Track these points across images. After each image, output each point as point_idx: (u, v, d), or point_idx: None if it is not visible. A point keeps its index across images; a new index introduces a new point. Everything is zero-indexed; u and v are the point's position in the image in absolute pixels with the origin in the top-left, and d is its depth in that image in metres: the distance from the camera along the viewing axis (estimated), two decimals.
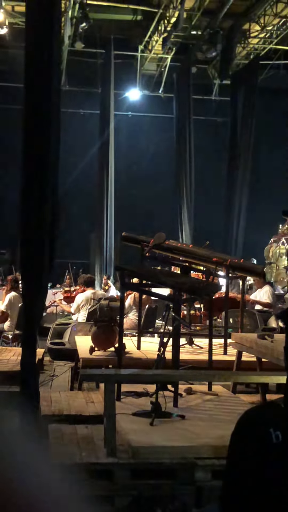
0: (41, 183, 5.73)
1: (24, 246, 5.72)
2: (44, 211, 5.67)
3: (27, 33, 6.24)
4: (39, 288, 5.68)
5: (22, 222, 5.81)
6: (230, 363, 7.66)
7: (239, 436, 1.61)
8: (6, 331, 11.08)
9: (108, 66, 20.38)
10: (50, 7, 5.96)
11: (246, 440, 1.59)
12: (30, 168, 5.84)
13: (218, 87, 22.94)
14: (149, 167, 23.14)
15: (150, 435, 5.33)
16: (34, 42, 5.99)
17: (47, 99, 5.79)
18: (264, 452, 1.54)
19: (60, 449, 5.21)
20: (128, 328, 10.19)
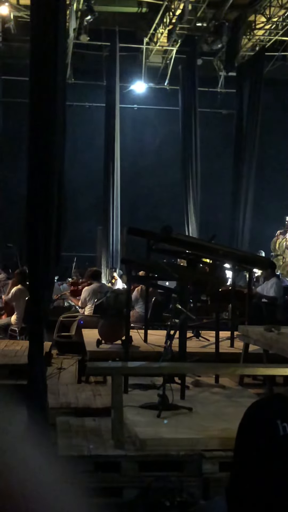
0: (47, 176, 5.73)
1: (31, 239, 5.73)
2: (50, 204, 5.67)
3: (32, 26, 6.23)
4: (45, 281, 5.69)
5: (29, 216, 5.81)
6: (237, 356, 7.66)
7: (246, 428, 1.62)
8: (13, 325, 11.10)
9: (113, 58, 20.33)
10: (55, 0, 5.95)
11: (253, 432, 1.59)
12: (36, 161, 5.84)
13: (224, 79, 22.85)
14: (155, 160, 23.10)
15: (157, 427, 5.35)
16: (39, 35, 5.98)
17: (52, 92, 5.78)
18: (271, 444, 1.54)
19: (68, 441, 5.23)
20: (134, 321, 10.20)
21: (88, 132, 21.91)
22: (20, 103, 15.77)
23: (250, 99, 21.11)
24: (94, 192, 21.15)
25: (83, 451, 4.96)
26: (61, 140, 6.00)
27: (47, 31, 5.84)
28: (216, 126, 23.10)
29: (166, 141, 22.98)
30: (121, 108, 20.93)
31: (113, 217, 20.13)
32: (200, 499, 4.71)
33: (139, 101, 23.33)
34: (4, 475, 0.62)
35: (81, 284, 12.99)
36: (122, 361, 6.96)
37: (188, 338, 7.55)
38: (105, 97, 21.10)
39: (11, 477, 0.62)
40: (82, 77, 21.67)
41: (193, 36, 20.93)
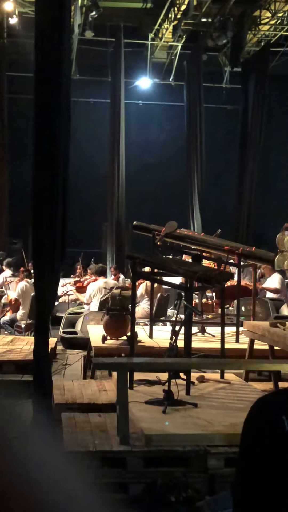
0: (52, 173, 5.73)
1: (36, 236, 5.74)
2: (55, 200, 5.67)
3: (37, 22, 6.23)
4: (51, 277, 5.70)
5: (34, 212, 5.82)
6: (243, 351, 7.66)
7: (252, 424, 1.61)
8: (19, 321, 11.13)
9: (118, 54, 20.31)
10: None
11: (259, 427, 1.59)
12: (41, 157, 5.84)
13: (229, 75, 22.79)
14: (160, 156, 23.08)
15: (162, 423, 5.36)
16: (44, 31, 5.98)
17: (57, 88, 5.78)
18: (277, 440, 1.54)
19: (73, 437, 5.24)
20: (140, 317, 10.21)
21: (93, 128, 21.89)
22: (25, 99, 15.76)
23: (255, 94, 21.07)
24: (99, 188, 21.15)
25: (88, 447, 4.97)
26: (66, 136, 6.00)
27: (52, 27, 5.84)
28: (221, 122, 23.07)
29: (171, 137, 22.94)
30: (126, 104, 20.91)
31: (118, 213, 20.13)
32: (206, 495, 4.72)
33: (144, 97, 23.31)
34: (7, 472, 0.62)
35: (86, 280, 13.01)
36: (127, 357, 6.96)
37: (194, 334, 7.55)
38: (110, 93, 21.07)
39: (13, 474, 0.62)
40: (87, 73, 21.65)
41: (198, 32, 20.88)
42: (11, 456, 0.63)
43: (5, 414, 0.71)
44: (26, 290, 10.92)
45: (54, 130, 5.78)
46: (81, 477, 0.67)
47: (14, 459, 0.63)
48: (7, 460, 0.62)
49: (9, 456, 0.63)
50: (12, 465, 0.62)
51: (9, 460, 0.62)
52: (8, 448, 0.64)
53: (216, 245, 9.11)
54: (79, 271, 16.49)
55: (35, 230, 5.76)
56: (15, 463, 0.63)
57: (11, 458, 0.63)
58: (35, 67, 6.08)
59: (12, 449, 0.65)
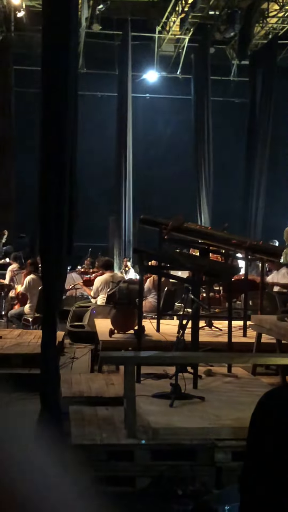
0: (59, 166, 5.73)
1: (43, 229, 5.74)
2: (62, 194, 5.67)
3: (44, 15, 6.22)
4: (58, 271, 5.70)
5: (41, 206, 5.82)
6: (250, 345, 7.65)
7: (259, 418, 1.62)
8: (26, 314, 11.16)
9: (125, 48, 20.28)
10: None
11: (266, 421, 1.59)
12: (48, 151, 5.84)
13: (237, 68, 22.73)
14: (167, 149, 23.05)
15: (169, 416, 5.36)
16: (51, 24, 5.97)
17: (64, 82, 5.77)
18: (284, 433, 1.54)
19: (80, 430, 5.25)
20: (147, 310, 10.21)
21: (100, 122, 21.88)
22: (32, 93, 15.78)
23: (263, 87, 21.02)
24: (106, 182, 21.15)
25: (96, 440, 4.98)
26: (73, 130, 5.99)
27: (59, 20, 5.82)
28: (229, 115, 23.00)
29: (179, 130, 22.91)
30: (133, 97, 20.89)
31: (125, 206, 20.14)
32: (213, 488, 4.72)
33: (151, 90, 23.27)
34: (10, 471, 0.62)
35: (94, 274, 13.02)
36: (134, 351, 6.97)
37: (201, 327, 7.55)
38: (117, 87, 21.06)
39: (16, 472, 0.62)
40: (94, 67, 21.63)
41: (205, 25, 20.82)
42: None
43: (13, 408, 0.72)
44: (33, 284, 10.93)
45: (61, 124, 5.77)
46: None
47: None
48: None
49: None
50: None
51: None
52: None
53: (224, 239, 9.09)
54: (87, 263, 16.54)
55: (42, 224, 5.76)
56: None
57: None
58: (42, 61, 6.07)
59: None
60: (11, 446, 0.65)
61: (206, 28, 20.87)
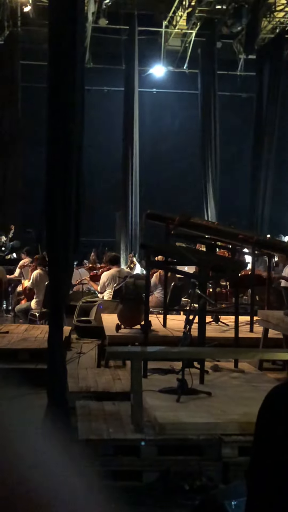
0: (66, 161, 5.73)
1: (50, 224, 5.74)
2: (68, 189, 5.67)
3: (50, 10, 6.21)
4: (65, 266, 5.70)
5: (48, 201, 5.82)
6: (257, 341, 7.65)
7: (267, 413, 1.61)
8: (33, 309, 11.17)
9: (132, 42, 20.23)
10: None
11: (274, 416, 1.59)
12: (55, 146, 5.83)
13: (244, 62, 22.65)
14: (174, 144, 23.01)
15: (176, 411, 5.37)
16: (57, 19, 5.96)
17: (71, 77, 5.77)
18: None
19: (87, 425, 5.26)
20: (153, 305, 10.21)
21: (106, 117, 21.86)
22: (39, 88, 15.74)
23: (270, 82, 20.96)
24: (113, 177, 21.14)
25: (102, 435, 4.99)
26: (80, 125, 5.99)
27: (66, 15, 5.81)
28: (236, 110, 22.95)
29: (185, 125, 22.86)
30: (140, 92, 20.85)
31: (132, 202, 20.13)
32: (220, 483, 4.73)
33: (158, 85, 23.22)
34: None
35: (100, 269, 13.03)
36: (141, 346, 6.98)
37: (207, 323, 7.55)
38: (123, 81, 21.02)
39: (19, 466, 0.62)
40: (100, 61, 21.59)
41: (212, 19, 20.76)
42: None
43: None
44: (40, 279, 10.94)
45: (67, 119, 5.76)
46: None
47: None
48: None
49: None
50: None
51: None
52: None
53: (230, 234, 9.08)
54: (92, 259, 16.55)
55: (48, 219, 5.76)
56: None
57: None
58: (49, 56, 6.06)
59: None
60: (17, 441, 0.65)
61: (213, 22, 20.80)
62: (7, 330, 9.54)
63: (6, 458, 0.62)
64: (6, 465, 0.61)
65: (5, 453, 0.62)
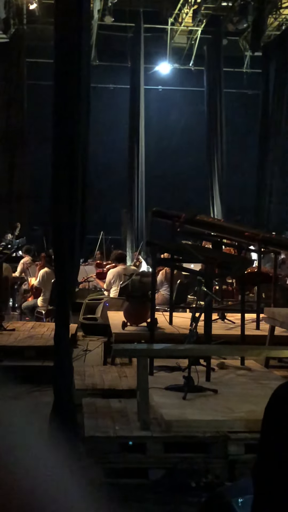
0: (72, 159, 5.73)
1: (56, 222, 5.74)
2: (74, 187, 5.67)
3: (56, 8, 6.21)
4: (71, 264, 5.71)
5: (54, 199, 5.82)
6: (263, 338, 7.64)
7: (273, 410, 1.61)
8: (39, 307, 11.19)
9: (138, 40, 20.22)
10: None
11: (281, 414, 1.59)
12: (61, 144, 5.83)
13: (250, 59, 22.62)
14: (180, 141, 22.99)
15: (182, 409, 5.37)
16: (63, 17, 5.95)
17: (77, 74, 5.76)
18: None
19: (94, 422, 5.27)
20: (160, 303, 10.21)
21: (112, 114, 21.86)
22: (45, 86, 15.75)
23: (276, 79, 20.91)
24: (119, 174, 21.14)
25: (109, 432, 5.00)
26: (85, 122, 5.99)
27: (72, 13, 5.81)
28: (242, 107, 22.91)
29: (191, 122, 22.84)
30: (145, 89, 20.85)
31: (138, 199, 20.13)
32: (226, 481, 4.73)
33: (164, 82, 23.20)
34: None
35: (107, 267, 13.03)
36: (147, 343, 6.98)
37: (214, 320, 7.54)
38: (129, 79, 21.02)
39: None
40: (106, 59, 21.59)
41: (218, 16, 20.73)
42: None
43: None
44: (47, 277, 10.97)
45: (73, 117, 5.76)
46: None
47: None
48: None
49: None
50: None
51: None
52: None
53: (236, 231, 9.07)
54: (98, 256, 16.56)
55: (54, 216, 5.77)
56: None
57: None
58: (55, 53, 6.06)
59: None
60: (21, 439, 0.65)
61: (219, 19, 20.77)
62: (14, 327, 9.56)
63: (9, 458, 0.62)
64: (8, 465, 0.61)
65: (8, 452, 0.62)
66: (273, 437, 1.57)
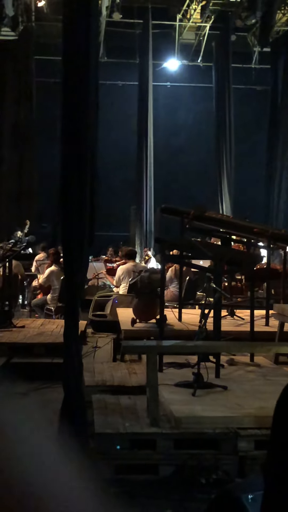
0: (80, 156, 5.73)
1: (65, 219, 5.75)
2: (83, 184, 5.67)
3: (64, 5, 6.20)
4: (80, 261, 5.71)
5: (63, 196, 5.83)
6: (272, 334, 7.62)
7: (283, 407, 1.61)
8: (49, 304, 11.22)
9: (146, 36, 20.20)
10: None
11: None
12: (69, 140, 5.83)
13: (258, 55, 22.54)
14: (188, 138, 22.96)
15: (192, 405, 5.37)
16: (71, 14, 5.95)
17: (85, 71, 5.76)
18: None
19: (103, 419, 5.28)
20: (169, 300, 10.21)
21: (121, 111, 21.85)
22: (53, 83, 15.78)
23: (285, 74, 20.86)
24: (127, 171, 21.14)
25: (119, 429, 5.00)
26: (94, 119, 5.99)
27: (80, 10, 5.81)
28: (251, 103, 22.85)
29: (200, 118, 22.80)
30: (154, 86, 20.82)
31: (147, 196, 20.12)
32: (236, 477, 4.73)
33: (172, 78, 23.16)
34: None
35: (117, 263, 13.04)
36: (156, 340, 6.98)
37: (223, 317, 7.54)
38: (138, 75, 21.00)
39: None
40: (114, 56, 21.57)
41: (226, 12, 20.67)
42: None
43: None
44: (56, 274, 10.98)
45: (82, 114, 5.76)
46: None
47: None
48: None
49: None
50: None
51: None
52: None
53: (245, 227, 9.05)
54: (110, 253, 16.58)
55: (63, 214, 5.77)
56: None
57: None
58: (63, 50, 6.05)
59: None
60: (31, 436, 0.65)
61: (227, 15, 20.71)
62: (23, 324, 9.58)
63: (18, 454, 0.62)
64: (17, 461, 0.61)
65: (18, 448, 0.62)
66: (284, 433, 1.57)
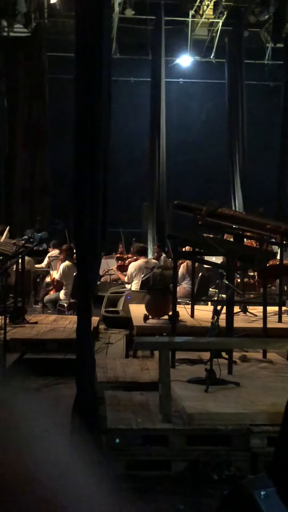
0: (93, 153, 5.74)
1: (77, 216, 5.76)
2: (96, 180, 5.68)
3: (77, 1, 6.21)
4: (92, 257, 5.72)
5: (75, 192, 5.84)
6: (285, 331, 7.61)
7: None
8: (61, 300, 11.25)
9: (158, 32, 20.15)
10: None
11: None
12: (82, 138, 5.84)
13: (271, 51, 22.42)
14: (201, 134, 22.90)
15: (204, 401, 5.37)
16: (84, 10, 5.95)
17: (98, 67, 5.76)
18: None
19: (116, 415, 5.29)
20: (181, 296, 10.21)
21: (133, 107, 21.82)
22: (66, 79, 15.78)
23: None
24: (140, 167, 21.11)
25: (131, 425, 5.02)
26: (107, 116, 5.99)
27: (92, 6, 5.81)
28: (263, 99, 22.74)
29: (213, 115, 22.73)
30: (166, 82, 20.77)
31: (159, 192, 20.09)
32: (248, 474, 4.73)
33: (184, 75, 23.10)
34: None
35: (128, 260, 13.05)
36: (169, 336, 6.99)
37: (235, 313, 7.53)
38: (150, 72, 20.95)
39: None
40: (127, 52, 21.53)
41: (239, 8, 20.58)
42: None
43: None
44: (68, 271, 11.01)
45: (94, 110, 5.77)
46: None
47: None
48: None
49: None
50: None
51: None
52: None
53: (258, 224, 9.03)
54: (121, 250, 16.58)
55: (76, 210, 5.78)
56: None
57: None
58: (76, 47, 6.06)
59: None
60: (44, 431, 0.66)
61: (240, 11, 20.62)
62: (36, 320, 9.62)
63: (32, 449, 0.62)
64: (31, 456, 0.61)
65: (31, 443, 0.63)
66: None
